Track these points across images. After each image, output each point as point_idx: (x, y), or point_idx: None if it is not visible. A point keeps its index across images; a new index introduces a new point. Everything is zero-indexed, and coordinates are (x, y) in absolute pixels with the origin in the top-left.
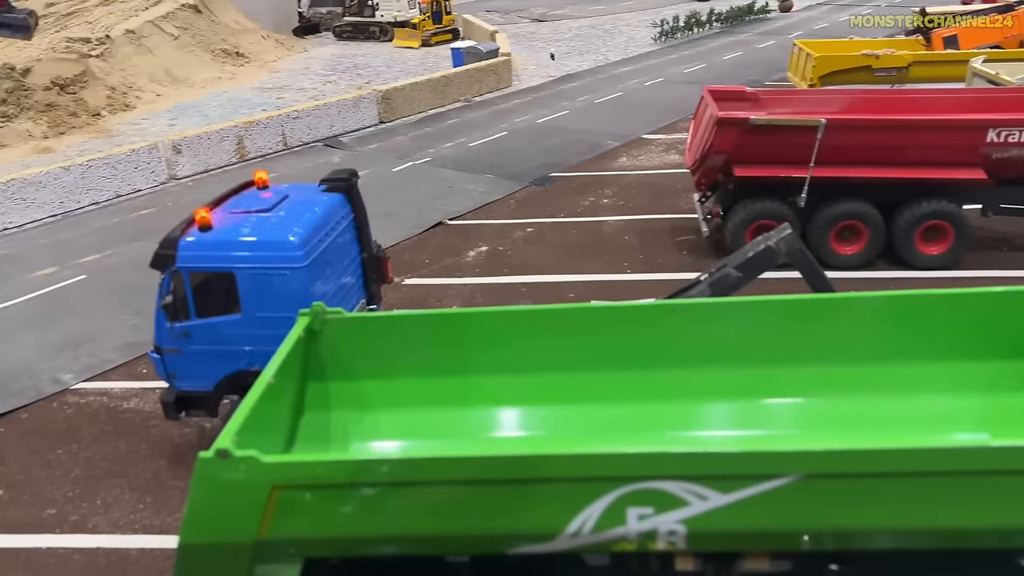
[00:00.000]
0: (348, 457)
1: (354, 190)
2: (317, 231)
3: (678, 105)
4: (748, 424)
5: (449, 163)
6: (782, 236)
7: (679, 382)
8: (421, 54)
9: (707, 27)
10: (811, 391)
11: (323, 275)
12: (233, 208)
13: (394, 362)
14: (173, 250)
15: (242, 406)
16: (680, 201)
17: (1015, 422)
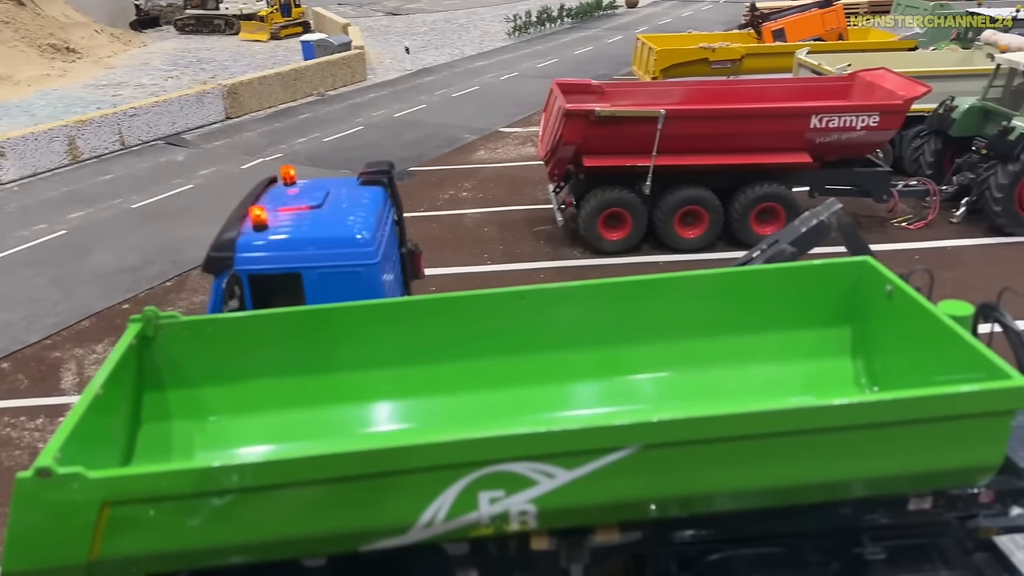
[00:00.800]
0: (182, 467)
1: (393, 183)
2: (379, 225)
3: (532, 98)
4: (601, 403)
5: (302, 159)
6: (832, 211)
7: (537, 366)
8: (270, 47)
9: (558, 22)
10: (655, 367)
11: (387, 272)
12: (278, 205)
13: (238, 365)
14: (231, 252)
15: (66, 420)
16: (537, 192)
17: (835, 384)
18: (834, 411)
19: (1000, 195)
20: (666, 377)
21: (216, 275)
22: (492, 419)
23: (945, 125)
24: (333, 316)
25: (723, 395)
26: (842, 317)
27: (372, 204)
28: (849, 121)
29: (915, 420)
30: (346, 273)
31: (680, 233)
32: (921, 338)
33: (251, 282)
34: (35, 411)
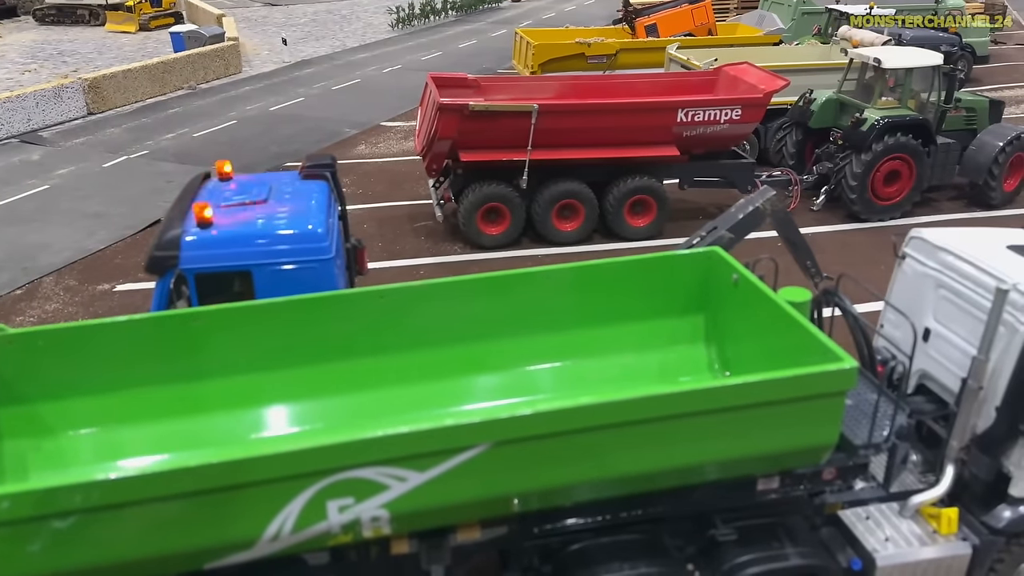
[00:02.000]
0: (16, 489)
1: (336, 177)
2: (329, 219)
3: (415, 92)
4: (464, 399)
5: (170, 156)
6: (767, 198)
7: (398, 365)
8: (139, 39)
9: (443, 15)
10: (517, 362)
11: (339, 267)
12: (220, 201)
13: (77, 379)
14: (176, 251)
15: None
16: (418, 188)
17: (690, 371)
18: (678, 398)
19: (855, 183)
20: (527, 372)
21: (160, 275)
22: (356, 421)
23: (805, 117)
24: (185, 322)
25: (582, 387)
26: (695, 306)
27: (320, 198)
28: (713, 115)
29: (757, 404)
30: (301, 268)
31: (558, 226)
32: (765, 324)
33: (198, 281)
34: None
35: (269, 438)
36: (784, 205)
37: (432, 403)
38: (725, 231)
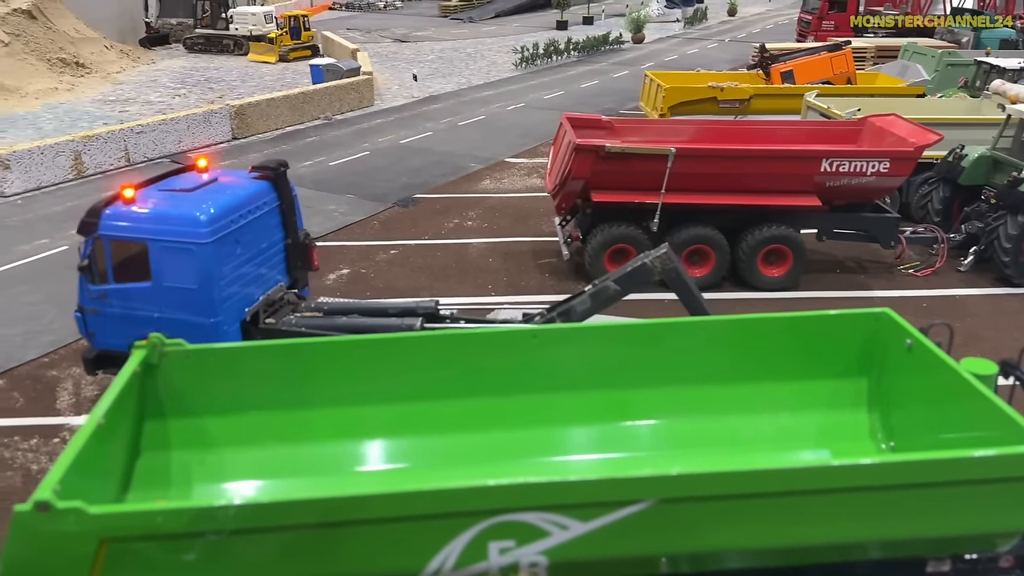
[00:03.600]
0: (186, 505)
1: (281, 179)
2: (230, 212)
3: (538, 130)
4: (605, 447)
5: (308, 182)
6: (658, 255)
7: (540, 408)
8: (278, 70)
9: (565, 55)
10: (664, 413)
11: (232, 254)
12: (164, 187)
13: (239, 396)
14: (96, 218)
15: (67, 450)
16: (542, 224)
17: (850, 437)
18: (861, 471)
19: (1009, 245)
20: (674, 424)
21: (85, 236)
22: (491, 461)
23: (954, 173)
24: (337, 350)
25: (735, 445)
26: (857, 369)
27: (241, 194)
28: (860, 166)
29: (936, 483)
30: (179, 248)
31: (686, 271)
32: (941, 394)
33: (111, 246)
34: (29, 431)
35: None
36: (675, 265)
37: (574, 449)
38: (612, 283)
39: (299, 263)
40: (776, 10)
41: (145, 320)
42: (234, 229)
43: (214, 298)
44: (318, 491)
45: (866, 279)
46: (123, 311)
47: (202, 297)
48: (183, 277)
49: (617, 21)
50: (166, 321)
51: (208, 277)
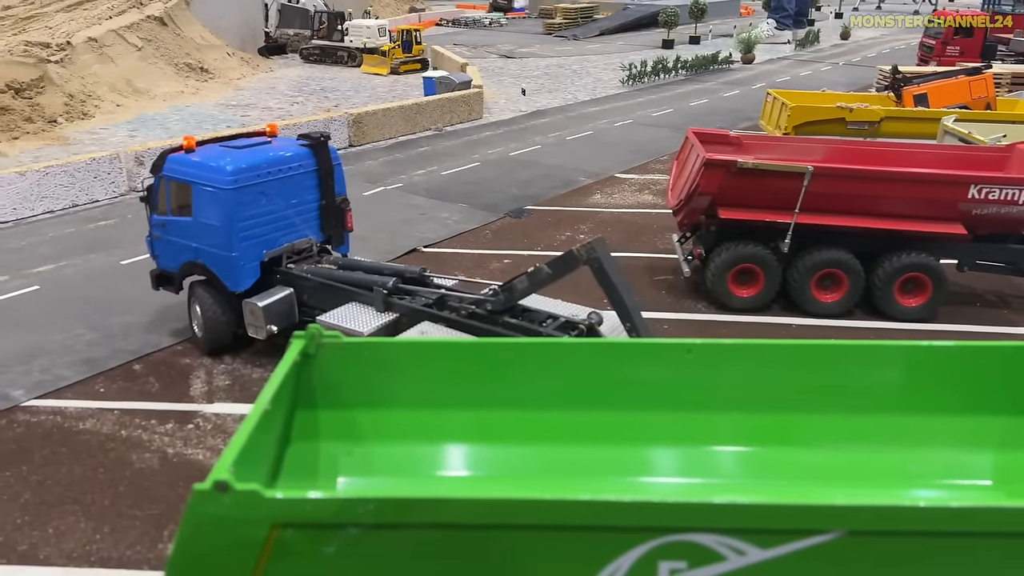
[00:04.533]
0: (365, 494)
1: (321, 148)
2: (258, 167)
3: (648, 146)
4: (763, 473)
5: (421, 190)
6: (587, 243)
7: (691, 425)
8: (389, 81)
9: (673, 73)
10: (821, 440)
11: (254, 202)
12: (225, 144)
13: (390, 392)
14: (163, 161)
15: (238, 434)
16: (656, 240)
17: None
18: None
19: None
20: (832, 454)
21: (154, 175)
22: (634, 476)
23: None
24: (494, 351)
25: (900, 479)
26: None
27: (274, 155)
28: (1011, 194)
29: None
30: (210, 191)
31: (816, 296)
32: None
33: (170, 184)
34: (165, 415)
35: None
36: (599, 255)
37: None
38: (544, 266)
39: (333, 223)
40: (891, 34)
41: (188, 248)
42: (260, 182)
43: (233, 236)
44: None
45: (1009, 314)
46: (175, 239)
47: (223, 234)
48: (211, 215)
49: (725, 41)
50: (201, 251)
51: (229, 218)
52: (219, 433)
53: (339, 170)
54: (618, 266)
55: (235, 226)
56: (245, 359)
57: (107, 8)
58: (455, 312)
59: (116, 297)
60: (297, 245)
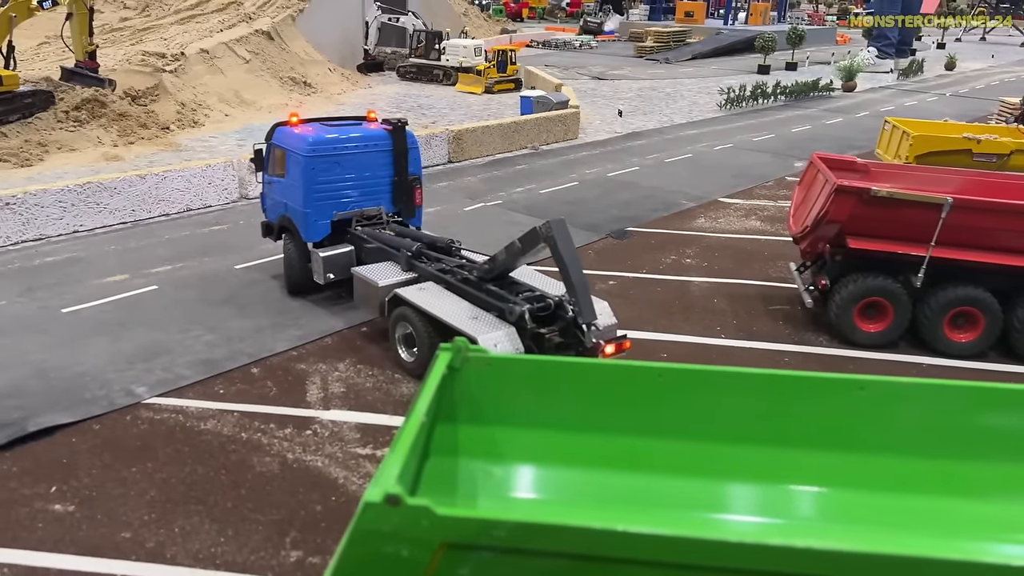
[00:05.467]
0: (549, 521)
1: (399, 132)
2: (337, 143)
3: (751, 171)
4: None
5: (520, 207)
6: (547, 223)
7: (862, 470)
8: (483, 100)
9: (772, 99)
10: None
11: (329, 170)
12: (325, 123)
13: (533, 411)
14: (273, 131)
15: (398, 446)
16: (768, 268)
17: None
18: None
19: None
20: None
21: (266, 142)
22: (794, 518)
23: None
24: (648, 375)
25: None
26: None
27: (354, 134)
28: None
29: None
30: (295, 158)
31: (949, 335)
32: None
33: (275, 150)
34: (283, 420)
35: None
36: (555, 235)
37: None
38: (517, 240)
39: (404, 197)
40: (999, 66)
41: (281, 204)
42: (335, 154)
43: (307, 195)
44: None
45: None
46: (275, 196)
47: (302, 193)
48: (295, 177)
49: (822, 68)
50: (288, 207)
51: (306, 180)
52: (336, 441)
53: (414, 153)
54: (572, 246)
55: (310, 187)
56: (358, 368)
57: (218, 22)
58: (454, 276)
59: (231, 300)
60: (367, 211)
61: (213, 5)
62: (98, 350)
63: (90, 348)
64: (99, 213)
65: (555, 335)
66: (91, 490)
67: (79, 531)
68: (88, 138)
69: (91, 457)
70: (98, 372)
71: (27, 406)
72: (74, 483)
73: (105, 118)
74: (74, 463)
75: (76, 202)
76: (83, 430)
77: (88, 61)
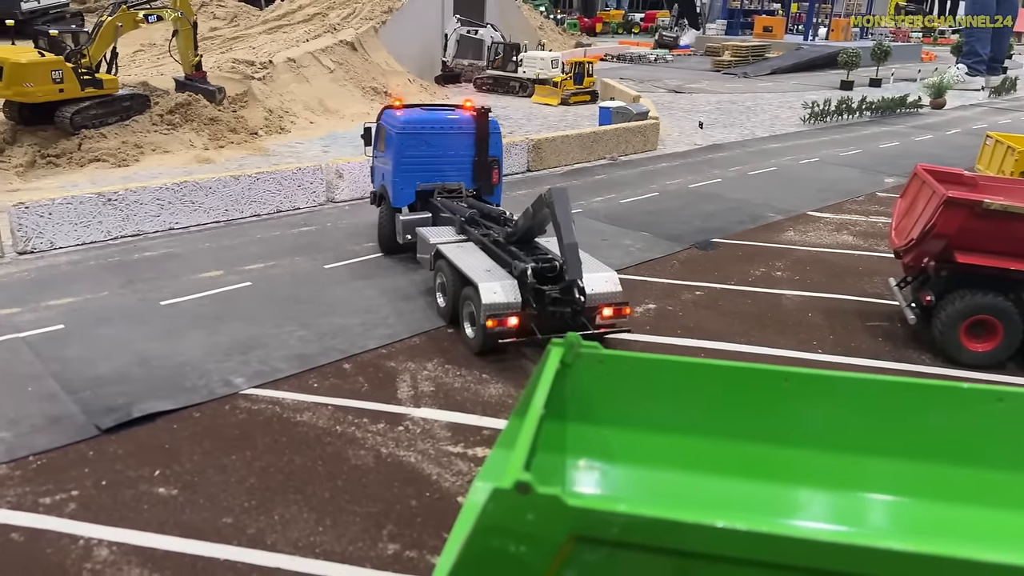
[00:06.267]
0: (684, 518)
1: (482, 117)
2: (425, 124)
3: (839, 186)
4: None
5: (601, 216)
6: (550, 189)
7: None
8: (559, 112)
9: (857, 114)
10: None
11: (416, 147)
12: (423, 109)
13: (644, 411)
14: (381, 113)
15: (523, 435)
16: (864, 284)
17: None
18: None
19: None
20: None
21: (376, 122)
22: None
23: None
24: (772, 379)
25: None
26: None
27: (440, 118)
28: None
29: None
30: (391, 135)
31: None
32: None
33: (380, 129)
34: (376, 415)
35: None
36: (552, 201)
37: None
38: (529, 207)
39: (483, 176)
40: None
41: (381, 175)
42: (422, 133)
43: (396, 167)
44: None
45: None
46: (379, 168)
47: (392, 164)
48: (389, 151)
49: (907, 85)
50: (385, 177)
51: (396, 154)
52: (428, 438)
53: (495, 137)
54: (568, 212)
55: (399, 160)
56: (446, 368)
57: (304, 32)
58: (488, 239)
59: (322, 298)
60: (448, 185)
61: (299, 16)
62: (196, 341)
63: (189, 339)
64: (194, 211)
65: (554, 291)
66: (193, 475)
67: (183, 514)
68: (181, 141)
69: (192, 443)
70: (197, 362)
71: (131, 392)
72: (176, 468)
73: (197, 122)
74: (176, 448)
75: (173, 200)
76: (184, 417)
77: (196, 72)
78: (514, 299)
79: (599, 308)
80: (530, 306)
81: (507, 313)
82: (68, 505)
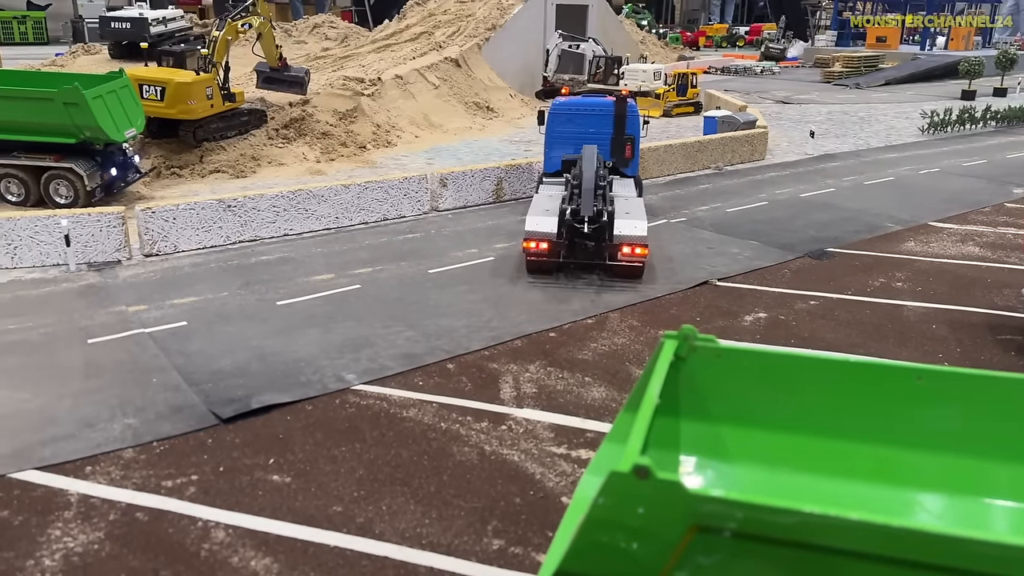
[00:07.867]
0: (812, 509)
1: (621, 103)
2: (572, 105)
3: (963, 197)
4: None
5: (706, 225)
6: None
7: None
8: (661, 123)
9: (981, 124)
10: None
11: (564, 123)
12: (584, 95)
13: (764, 409)
14: (552, 101)
15: (637, 425)
16: (993, 296)
17: None
18: None
19: None
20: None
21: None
22: None
23: None
24: (904, 376)
25: None
26: None
27: (587, 103)
28: None
29: None
30: (550, 115)
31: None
32: None
33: (552, 114)
34: (479, 414)
35: None
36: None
37: None
38: None
39: (619, 151)
40: None
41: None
42: (571, 113)
43: (548, 139)
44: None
45: None
46: (547, 138)
47: (546, 138)
48: (548, 128)
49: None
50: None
51: (548, 129)
52: (530, 438)
53: (632, 119)
54: (592, 166)
55: (550, 134)
56: (548, 371)
57: (411, 50)
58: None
59: (427, 301)
60: None
61: (407, 35)
62: (310, 339)
63: (303, 337)
64: (307, 219)
65: (585, 226)
66: (305, 464)
67: (295, 501)
68: (295, 154)
69: (304, 434)
70: (312, 359)
71: (249, 385)
72: (290, 457)
73: (310, 136)
74: (289, 439)
75: (288, 207)
76: (297, 410)
77: (280, 63)
78: (549, 230)
79: (620, 247)
80: (562, 238)
81: (540, 238)
82: (188, 488)
